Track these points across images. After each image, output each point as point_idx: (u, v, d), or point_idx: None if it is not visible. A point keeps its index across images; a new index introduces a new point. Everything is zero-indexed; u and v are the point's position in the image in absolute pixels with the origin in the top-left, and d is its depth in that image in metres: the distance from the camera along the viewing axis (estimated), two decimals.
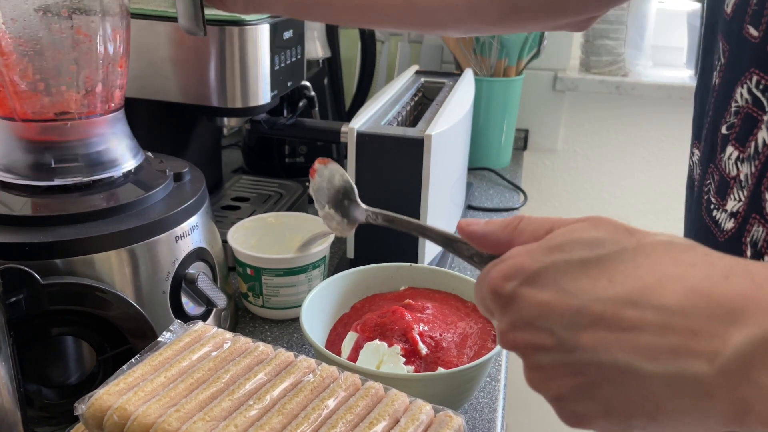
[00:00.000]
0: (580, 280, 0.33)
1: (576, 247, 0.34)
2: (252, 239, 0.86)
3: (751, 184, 0.46)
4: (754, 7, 0.45)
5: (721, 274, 0.31)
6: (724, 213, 0.49)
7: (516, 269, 0.35)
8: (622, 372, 0.32)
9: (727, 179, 0.49)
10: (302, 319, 0.65)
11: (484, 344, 0.66)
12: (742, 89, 0.47)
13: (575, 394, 0.34)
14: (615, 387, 0.32)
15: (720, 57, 0.50)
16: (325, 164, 0.51)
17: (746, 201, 0.47)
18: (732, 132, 0.48)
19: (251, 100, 0.88)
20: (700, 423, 0.31)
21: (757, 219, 0.46)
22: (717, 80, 0.50)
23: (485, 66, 1.29)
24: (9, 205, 0.61)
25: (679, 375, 0.30)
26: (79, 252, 0.58)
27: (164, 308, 0.64)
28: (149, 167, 0.71)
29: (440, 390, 0.60)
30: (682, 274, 0.31)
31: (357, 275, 0.74)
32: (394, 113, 0.91)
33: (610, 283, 0.33)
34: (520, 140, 1.54)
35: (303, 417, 0.47)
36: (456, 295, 0.74)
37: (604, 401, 0.33)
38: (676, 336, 0.30)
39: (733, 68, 0.48)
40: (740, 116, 0.47)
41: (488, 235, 0.40)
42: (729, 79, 0.49)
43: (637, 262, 0.33)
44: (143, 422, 0.46)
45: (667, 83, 1.47)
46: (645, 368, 0.31)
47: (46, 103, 0.61)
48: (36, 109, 0.62)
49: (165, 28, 0.83)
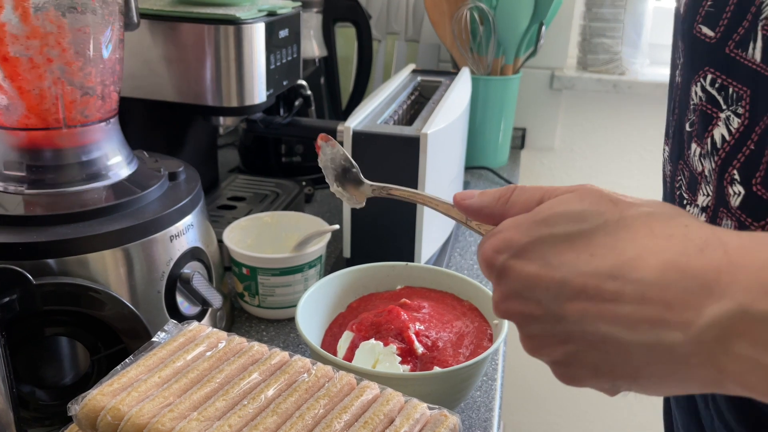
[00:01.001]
0: (564, 254, 0.35)
1: (561, 221, 0.36)
2: (248, 239, 0.86)
3: (714, 179, 0.47)
4: (709, 8, 0.46)
5: (696, 247, 0.32)
6: (696, 208, 0.50)
7: (505, 243, 0.38)
8: (604, 340, 0.34)
9: (695, 175, 0.49)
10: (298, 318, 0.65)
11: (480, 343, 0.66)
12: (696, 87, 0.48)
13: (565, 359, 0.36)
14: (599, 353, 0.35)
15: (680, 55, 0.50)
16: (326, 141, 0.53)
17: (713, 196, 0.47)
18: (693, 129, 0.49)
19: (247, 99, 0.88)
20: (681, 385, 0.33)
21: (725, 212, 0.46)
22: (678, 78, 0.52)
23: (482, 64, 1.29)
24: (2, 204, 0.60)
25: (657, 343, 0.32)
26: (73, 252, 0.57)
27: (159, 308, 0.64)
28: (144, 166, 0.70)
29: (436, 389, 0.60)
30: (659, 247, 0.33)
31: (353, 274, 0.74)
32: (390, 112, 0.90)
33: (591, 257, 0.34)
34: (518, 139, 1.54)
35: (298, 417, 0.47)
36: (452, 294, 0.73)
37: (591, 365, 0.35)
38: (653, 307, 0.32)
39: (689, 66, 0.49)
40: (697, 114, 0.48)
41: (483, 208, 0.42)
42: (686, 77, 0.49)
43: (618, 236, 0.35)
44: (137, 422, 0.46)
45: (664, 81, 1.47)
46: (625, 337, 0.33)
47: (39, 112, 0.61)
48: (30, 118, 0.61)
49: (160, 27, 0.83)
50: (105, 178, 0.65)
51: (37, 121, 0.61)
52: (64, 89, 0.61)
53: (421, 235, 0.83)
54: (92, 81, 0.63)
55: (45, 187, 0.62)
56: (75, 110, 0.62)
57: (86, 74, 0.62)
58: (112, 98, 0.66)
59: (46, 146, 0.63)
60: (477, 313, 0.70)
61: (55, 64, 0.60)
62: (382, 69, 1.56)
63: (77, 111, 0.63)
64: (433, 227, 0.87)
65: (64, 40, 0.60)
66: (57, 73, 0.60)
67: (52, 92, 0.61)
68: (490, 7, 1.23)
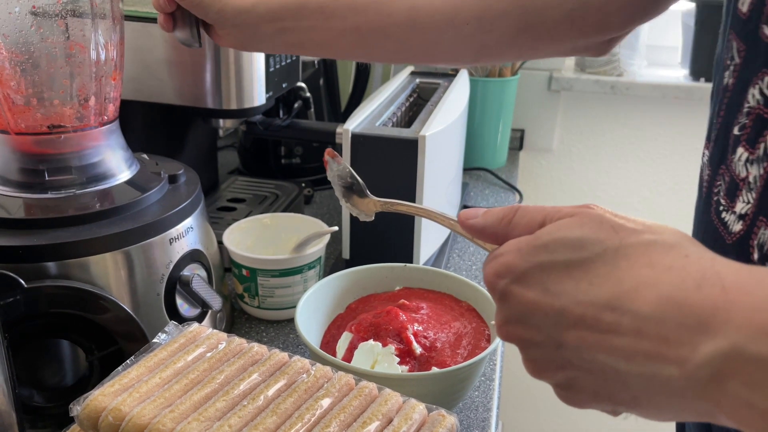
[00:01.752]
0: (563, 282, 0.35)
1: (560, 248, 0.36)
2: (248, 240, 0.86)
3: (760, 186, 0.46)
4: None
5: (694, 282, 0.32)
6: (733, 215, 0.48)
7: (506, 268, 0.38)
8: (602, 369, 0.34)
9: (736, 181, 0.48)
10: (297, 319, 0.65)
11: (478, 344, 0.66)
12: (755, 90, 0.46)
13: (566, 383, 0.37)
14: (598, 380, 0.35)
15: (734, 56, 0.49)
16: (333, 157, 0.54)
17: (755, 203, 0.46)
18: (743, 133, 0.48)
19: (246, 102, 0.88)
20: (679, 414, 0.34)
21: (764, 222, 0.46)
22: (731, 80, 0.50)
23: (480, 66, 1.30)
24: (3, 207, 0.61)
25: (653, 376, 0.32)
26: (74, 255, 0.58)
27: (159, 310, 0.64)
28: (144, 169, 0.71)
29: (434, 389, 0.61)
30: (657, 280, 0.33)
31: (352, 276, 0.75)
32: (389, 114, 0.91)
33: (590, 285, 0.35)
34: (516, 140, 1.54)
35: (297, 417, 0.47)
36: (450, 295, 0.74)
37: (591, 390, 0.36)
38: (649, 341, 0.32)
39: (748, 68, 0.47)
40: (752, 117, 0.47)
41: (486, 228, 0.42)
42: (743, 79, 0.48)
43: (617, 265, 0.35)
44: (138, 423, 0.46)
45: (662, 83, 1.47)
46: (622, 368, 0.33)
47: (40, 117, 0.62)
48: (29, 123, 0.62)
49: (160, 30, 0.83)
50: (106, 181, 0.66)
51: (38, 125, 0.62)
52: (65, 93, 0.62)
53: (419, 237, 0.84)
54: (93, 85, 0.63)
55: (46, 190, 0.63)
56: (76, 114, 0.63)
57: (87, 79, 0.63)
58: (113, 102, 0.67)
59: (47, 150, 0.63)
60: (475, 313, 0.71)
61: (56, 69, 0.60)
62: (381, 71, 1.56)
63: (78, 115, 0.63)
64: (431, 229, 0.87)
65: (65, 45, 0.60)
66: (59, 77, 0.61)
67: (52, 96, 0.61)
68: None
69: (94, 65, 0.63)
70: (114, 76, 0.66)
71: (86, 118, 0.64)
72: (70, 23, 0.61)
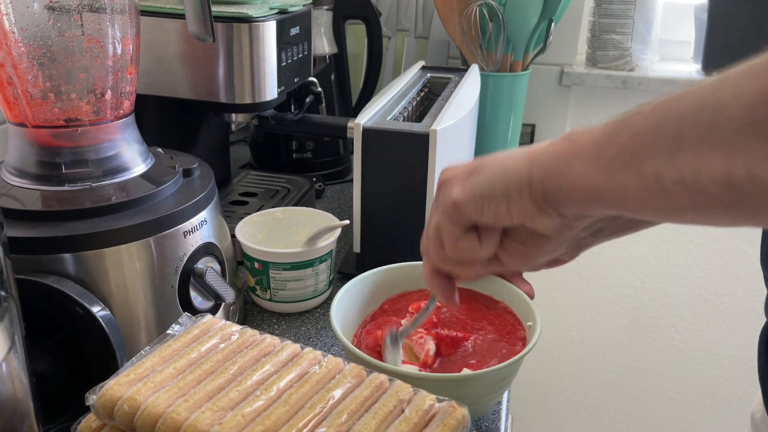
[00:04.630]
0: None
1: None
2: (260, 234, 0.87)
3: None
4: None
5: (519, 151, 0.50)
6: None
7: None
8: None
9: None
10: (332, 316, 0.63)
11: (512, 348, 0.64)
12: None
13: None
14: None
15: None
16: None
17: None
18: None
19: (259, 96, 0.89)
20: None
21: None
22: None
23: (491, 61, 1.30)
24: (20, 199, 0.62)
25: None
26: (89, 246, 0.59)
27: (173, 302, 0.65)
28: (159, 163, 0.72)
29: (466, 392, 0.59)
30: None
31: (387, 273, 0.72)
32: (400, 108, 0.91)
33: None
34: (527, 135, 1.54)
35: (309, 407, 0.48)
36: (486, 295, 0.71)
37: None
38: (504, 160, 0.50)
39: None
40: None
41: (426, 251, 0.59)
42: None
43: None
44: (153, 412, 0.47)
45: (674, 78, 1.47)
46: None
47: (57, 110, 0.62)
48: (47, 116, 0.63)
49: (173, 25, 0.84)
50: (122, 174, 0.67)
51: (55, 118, 0.62)
52: (82, 87, 0.62)
53: None
54: (110, 79, 0.64)
55: (63, 183, 0.64)
56: (92, 108, 0.64)
57: (104, 73, 0.63)
58: (129, 96, 0.67)
59: (64, 143, 0.64)
60: (511, 315, 0.68)
61: (73, 63, 0.61)
62: (392, 66, 1.56)
63: (95, 109, 0.64)
64: None
65: (82, 40, 0.61)
66: (75, 71, 0.62)
67: (69, 90, 0.62)
68: (499, 4, 1.23)
69: (111, 59, 0.64)
70: (130, 71, 0.67)
71: (102, 111, 0.65)
72: (86, 18, 0.61)
